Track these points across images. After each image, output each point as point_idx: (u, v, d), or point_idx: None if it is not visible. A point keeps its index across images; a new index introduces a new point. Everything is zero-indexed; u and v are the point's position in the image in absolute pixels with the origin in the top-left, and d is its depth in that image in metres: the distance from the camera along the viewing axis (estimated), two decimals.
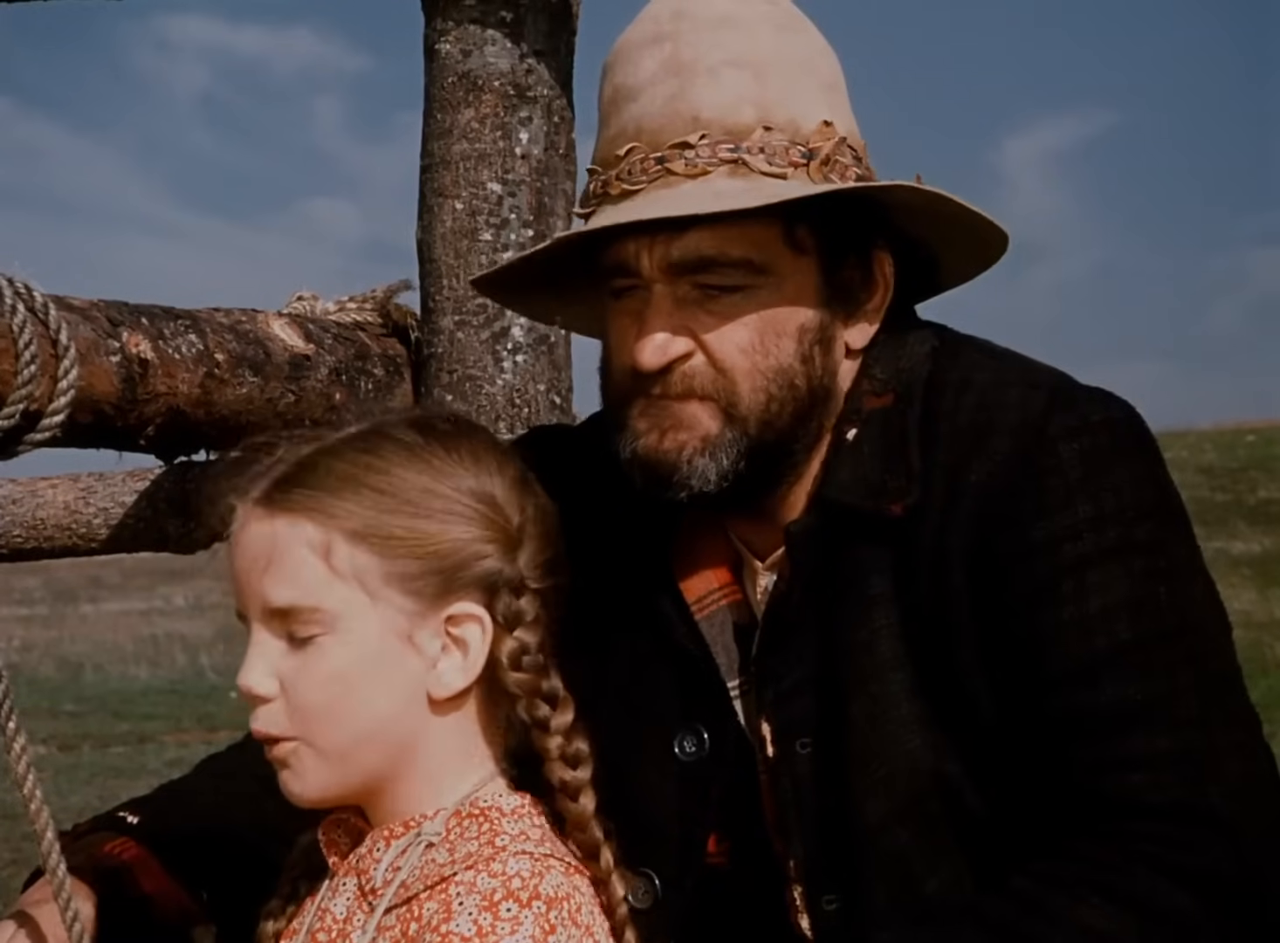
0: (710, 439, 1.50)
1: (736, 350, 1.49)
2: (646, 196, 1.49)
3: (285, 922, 1.40)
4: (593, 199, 1.55)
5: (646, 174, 1.49)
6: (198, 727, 10.52)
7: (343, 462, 1.32)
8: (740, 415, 1.50)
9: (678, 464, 1.50)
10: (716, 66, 1.49)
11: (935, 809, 1.47)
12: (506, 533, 1.33)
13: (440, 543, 1.30)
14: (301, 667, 1.30)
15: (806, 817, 1.51)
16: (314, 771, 1.32)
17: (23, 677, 12.24)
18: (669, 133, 1.49)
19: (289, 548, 1.29)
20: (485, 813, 1.31)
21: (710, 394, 1.50)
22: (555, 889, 1.25)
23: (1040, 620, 1.44)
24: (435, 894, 1.26)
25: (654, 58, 1.51)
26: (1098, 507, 1.45)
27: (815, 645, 1.52)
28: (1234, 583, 12.83)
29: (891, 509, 1.50)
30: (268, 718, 1.32)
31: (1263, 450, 20.09)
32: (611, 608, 1.61)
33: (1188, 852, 1.37)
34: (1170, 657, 1.43)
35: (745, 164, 1.48)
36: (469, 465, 1.33)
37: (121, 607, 18.11)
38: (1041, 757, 1.43)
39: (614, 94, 1.53)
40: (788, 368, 1.51)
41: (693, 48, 1.50)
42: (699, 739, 1.58)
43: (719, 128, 1.48)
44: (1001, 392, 1.52)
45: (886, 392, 1.56)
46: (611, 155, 1.52)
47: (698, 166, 1.48)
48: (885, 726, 1.48)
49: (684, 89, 1.49)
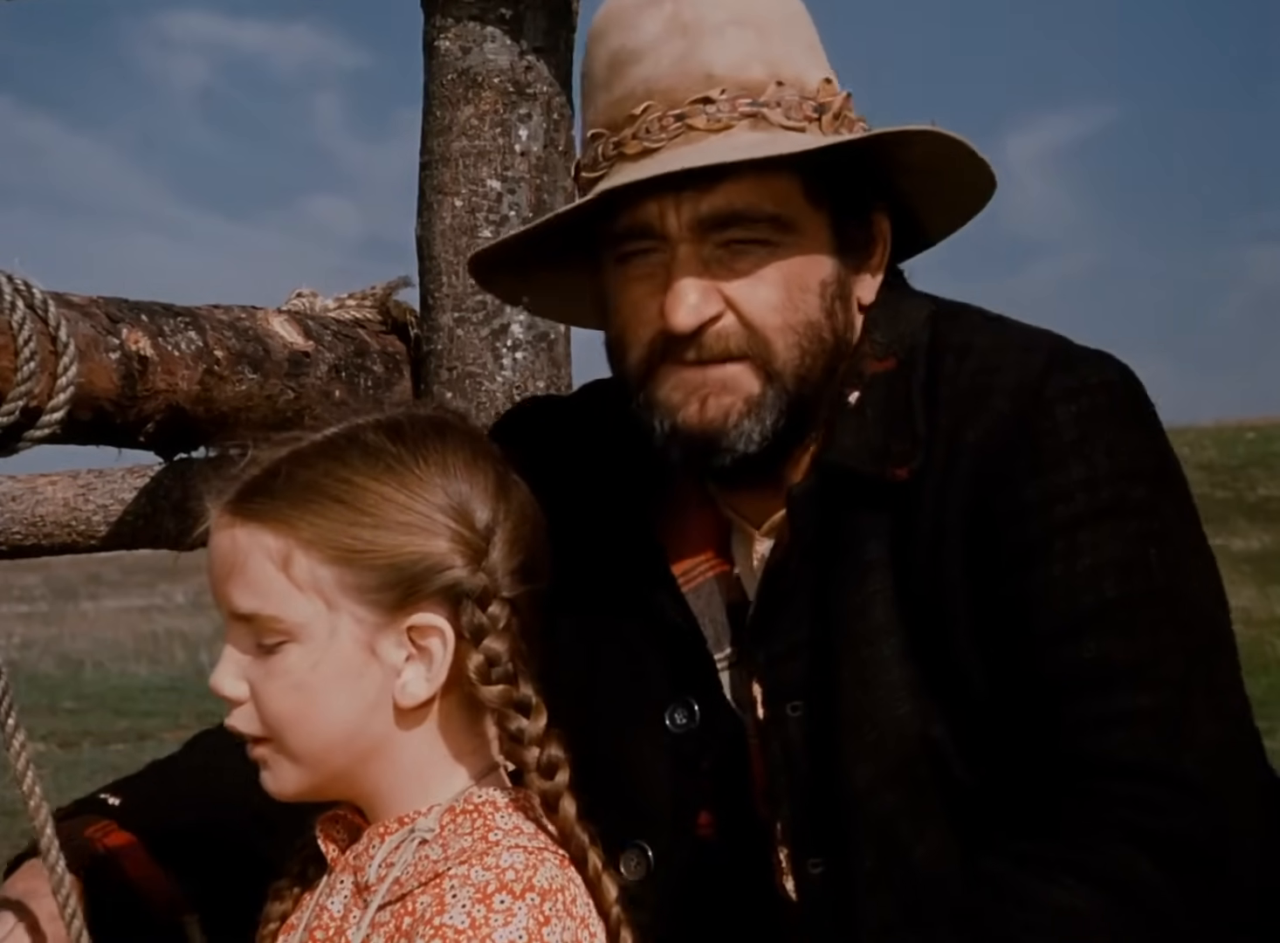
0: (753, 399, 1.50)
1: (767, 308, 1.49)
2: (670, 152, 1.48)
3: (292, 903, 1.41)
4: (604, 161, 1.52)
5: (666, 131, 1.48)
6: (197, 724, 10.51)
7: (308, 470, 1.31)
8: (778, 371, 1.50)
9: (724, 430, 1.50)
10: (721, 25, 1.49)
11: (924, 775, 1.47)
12: (471, 543, 1.31)
13: (399, 555, 1.29)
14: (267, 674, 1.30)
15: (795, 780, 1.51)
16: (287, 771, 1.33)
17: (23, 674, 12.24)
18: (684, 91, 1.48)
19: (250, 556, 1.29)
20: (479, 809, 1.31)
21: (747, 353, 1.50)
22: (550, 882, 1.25)
23: (1031, 579, 1.45)
24: (429, 890, 1.26)
25: (654, 19, 1.50)
26: (1091, 468, 1.46)
27: (810, 610, 1.53)
28: (1234, 580, 12.82)
29: (896, 473, 1.50)
30: (241, 718, 1.33)
31: (1263, 448, 20.11)
32: (599, 583, 1.61)
33: (1160, 815, 1.38)
34: (1156, 617, 1.44)
35: (765, 118, 1.48)
36: (436, 474, 1.31)
37: (121, 604, 18.12)
38: (1025, 713, 1.44)
39: (613, 57, 1.52)
40: (816, 322, 1.52)
41: (694, 7, 1.50)
42: (689, 711, 1.58)
43: (734, 84, 1.48)
44: (1001, 354, 1.53)
45: (888, 355, 1.56)
46: (623, 116, 1.50)
47: (720, 121, 1.47)
48: (875, 690, 1.48)
49: (693, 48, 1.48)
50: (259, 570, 1.29)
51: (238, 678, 1.32)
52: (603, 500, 1.63)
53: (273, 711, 1.30)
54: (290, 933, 1.38)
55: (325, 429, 1.34)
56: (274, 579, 1.29)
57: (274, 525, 1.29)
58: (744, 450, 1.51)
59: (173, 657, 14.11)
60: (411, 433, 1.34)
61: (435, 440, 1.34)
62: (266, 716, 1.31)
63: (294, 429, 1.35)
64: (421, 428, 1.35)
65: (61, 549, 2.40)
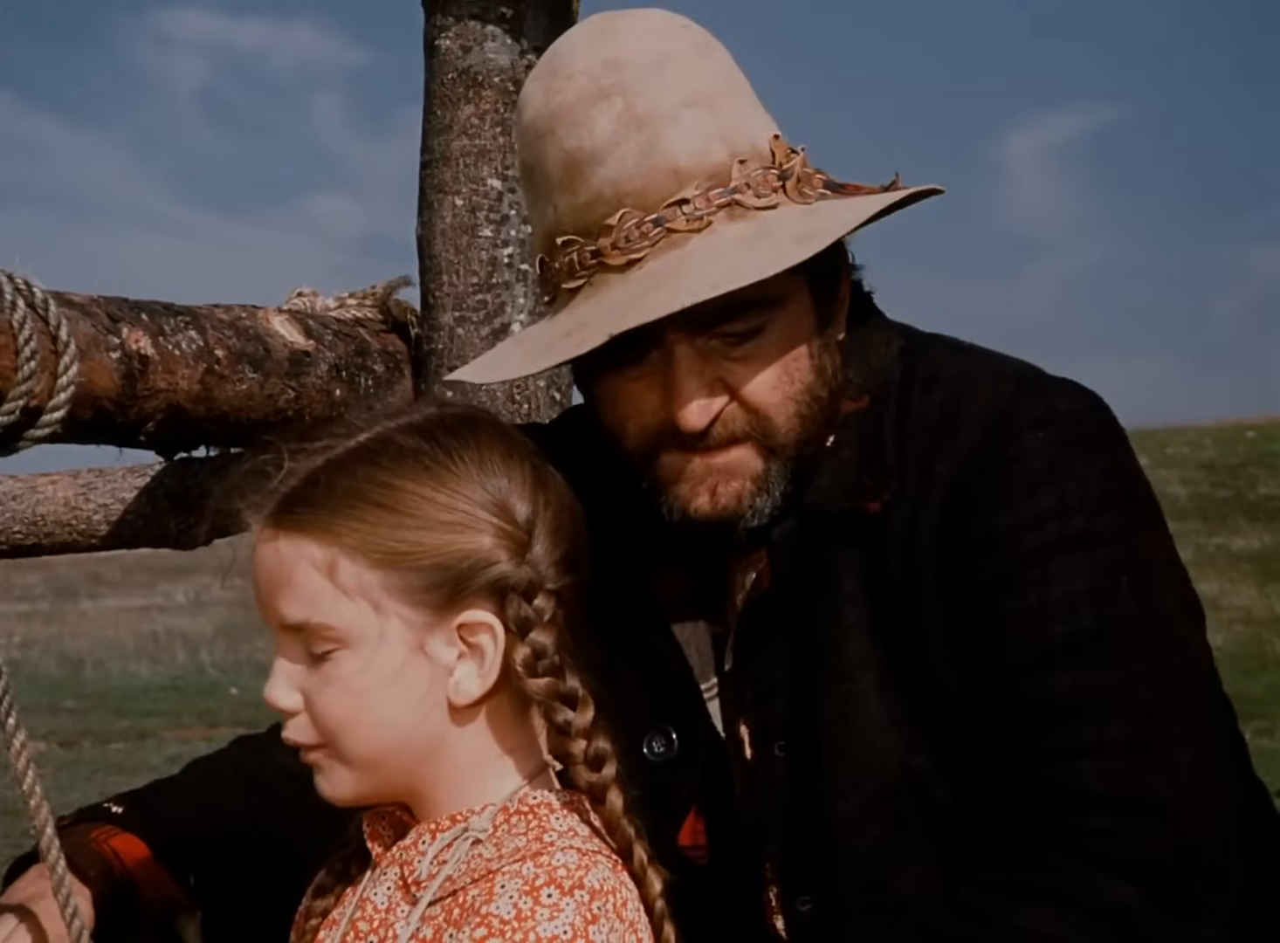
0: (759, 478, 1.51)
1: (767, 388, 1.50)
2: (657, 261, 1.46)
3: (333, 899, 1.41)
4: (582, 270, 1.49)
5: (647, 238, 1.46)
6: (198, 723, 10.53)
7: (346, 476, 1.31)
8: (779, 444, 1.51)
9: (739, 512, 1.51)
10: (675, 110, 1.46)
11: (906, 805, 1.48)
12: (514, 537, 1.31)
13: (444, 554, 1.29)
14: (321, 682, 1.31)
15: (782, 819, 1.52)
16: (344, 777, 1.33)
17: (23, 673, 12.25)
18: (655, 191, 1.46)
19: (296, 567, 1.30)
20: (534, 810, 1.31)
21: (750, 434, 1.50)
22: (601, 882, 1.25)
23: (1003, 609, 1.45)
24: (480, 886, 1.27)
25: (605, 115, 1.46)
26: (1061, 496, 1.46)
27: (791, 648, 1.53)
28: (1234, 579, 12.85)
29: (868, 508, 1.51)
30: (296, 729, 1.33)
31: (1263, 447, 20.09)
32: (585, 607, 1.61)
33: (1131, 844, 1.38)
34: (1129, 646, 1.44)
35: (739, 204, 1.47)
36: (474, 470, 1.32)
37: (122, 603, 18.12)
38: (1000, 745, 1.44)
39: (569, 159, 1.47)
40: (810, 384, 1.52)
41: (644, 97, 1.46)
42: (668, 740, 1.58)
43: (701, 174, 1.46)
44: (969, 384, 1.53)
45: (861, 394, 1.57)
46: (595, 224, 1.47)
47: (700, 218, 1.46)
48: (855, 723, 1.48)
49: (653, 141, 1.46)
50: (305, 580, 1.29)
51: (291, 689, 1.32)
52: (589, 526, 1.63)
53: (328, 718, 1.31)
54: (333, 928, 1.38)
55: (358, 435, 1.34)
56: (321, 587, 1.29)
57: (317, 534, 1.29)
58: (759, 522, 1.52)
59: (173, 656, 14.11)
60: (445, 432, 1.34)
61: (469, 437, 1.34)
62: (322, 723, 1.31)
63: (323, 436, 1.35)
64: (454, 426, 1.35)
65: (62, 548, 2.40)
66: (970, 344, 1.62)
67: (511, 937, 1.21)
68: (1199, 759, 1.43)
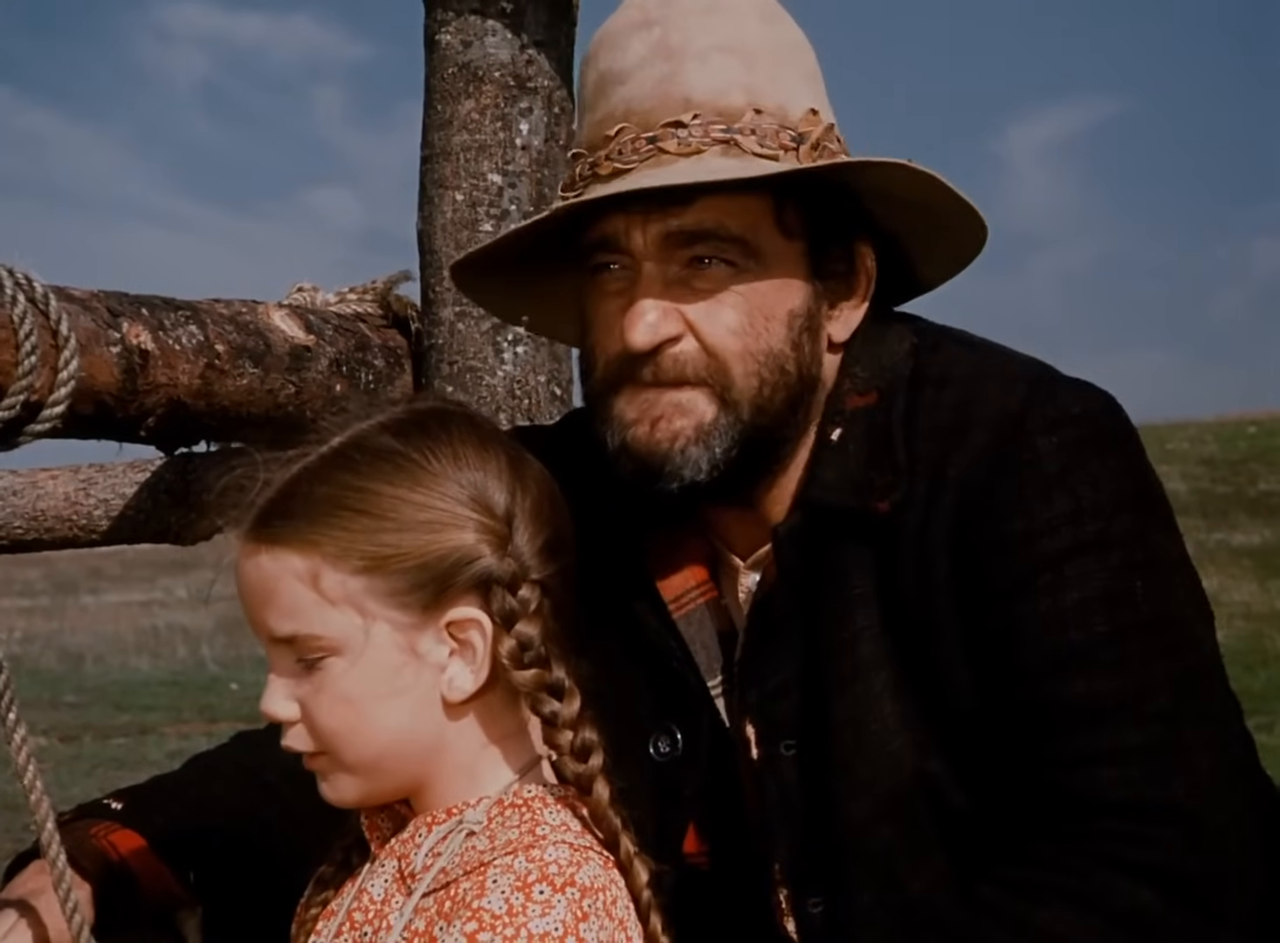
0: (704, 426, 1.49)
1: (727, 332, 1.49)
2: (639, 174, 1.48)
3: (334, 890, 1.42)
4: (580, 182, 1.53)
5: (638, 153, 1.49)
6: (198, 718, 10.53)
7: (322, 484, 1.31)
8: (734, 399, 1.49)
9: (670, 454, 1.49)
10: (706, 51, 1.50)
11: (918, 808, 1.47)
12: (494, 530, 1.31)
13: (426, 554, 1.29)
14: (315, 690, 1.31)
15: (792, 819, 1.51)
16: (346, 781, 1.34)
17: (24, 668, 12.25)
18: (660, 114, 1.49)
19: (279, 580, 1.30)
20: (528, 803, 1.32)
21: (704, 379, 1.49)
22: (592, 879, 1.26)
23: (1018, 613, 1.44)
24: (472, 878, 1.27)
25: (642, 42, 1.51)
26: (1075, 500, 1.45)
27: (799, 647, 1.52)
28: (1234, 574, 12.84)
29: (878, 507, 1.50)
30: (295, 737, 1.34)
31: (1264, 442, 20.08)
32: (588, 606, 1.61)
33: (1152, 849, 1.37)
34: (1145, 651, 1.43)
35: (737, 144, 1.48)
36: (449, 466, 1.31)
37: (122, 598, 18.13)
38: (1016, 750, 1.43)
39: (600, 79, 1.53)
40: (778, 352, 1.50)
41: (681, 32, 1.50)
42: (672, 739, 1.58)
43: (711, 109, 1.48)
44: (980, 385, 1.52)
45: (869, 390, 1.56)
46: (600, 137, 1.51)
47: (691, 145, 1.48)
48: (868, 726, 1.48)
49: (674, 72, 1.49)
50: (290, 592, 1.29)
51: (287, 699, 1.32)
52: (592, 527, 1.63)
53: (324, 725, 1.31)
54: (331, 918, 1.39)
55: (330, 440, 1.34)
56: (306, 598, 1.29)
57: (298, 546, 1.29)
58: (691, 477, 1.50)
59: (174, 651, 14.11)
60: (417, 430, 1.34)
61: (441, 433, 1.33)
62: (319, 731, 1.32)
63: (298, 444, 1.35)
64: (425, 423, 1.35)
65: (62, 544, 2.40)
66: (982, 340, 1.61)
67: (503, 932, 1.21)
68: (1217, 764, 1.42)
